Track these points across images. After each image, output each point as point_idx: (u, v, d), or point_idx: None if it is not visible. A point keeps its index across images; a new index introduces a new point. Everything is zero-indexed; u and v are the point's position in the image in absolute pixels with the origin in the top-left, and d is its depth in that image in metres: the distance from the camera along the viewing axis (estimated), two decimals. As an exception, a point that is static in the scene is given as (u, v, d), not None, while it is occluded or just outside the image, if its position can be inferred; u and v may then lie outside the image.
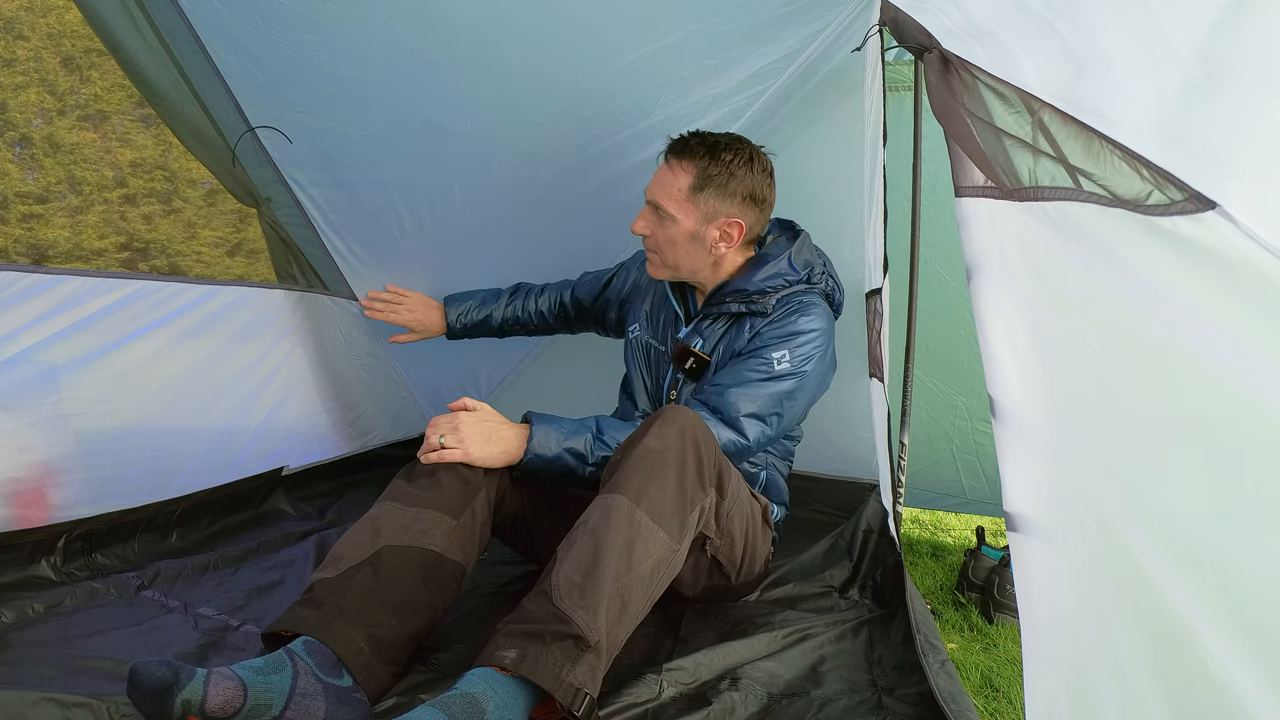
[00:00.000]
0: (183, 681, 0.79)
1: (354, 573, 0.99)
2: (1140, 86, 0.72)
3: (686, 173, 1.30)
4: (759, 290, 1.33)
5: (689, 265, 1.37)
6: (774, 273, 1.34)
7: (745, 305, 1.33)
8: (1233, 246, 0.62)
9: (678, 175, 1.31)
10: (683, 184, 1.30)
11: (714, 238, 1.33)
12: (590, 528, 0.97)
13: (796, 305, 1.32)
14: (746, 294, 1.33)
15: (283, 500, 1.76)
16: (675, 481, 1.03)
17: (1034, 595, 0.74)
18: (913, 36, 0.94)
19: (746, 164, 1.30)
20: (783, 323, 1.31)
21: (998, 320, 0.78)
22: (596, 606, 0.90)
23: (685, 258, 1.36)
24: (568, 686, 0.85)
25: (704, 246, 1.34)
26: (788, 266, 1.35)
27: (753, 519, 1.25)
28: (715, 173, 1.29)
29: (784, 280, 1.34)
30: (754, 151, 1.33)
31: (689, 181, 1.30)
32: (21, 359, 1.24)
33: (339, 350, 1.91)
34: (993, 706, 1.27)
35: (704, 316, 1.40)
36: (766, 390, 1.26)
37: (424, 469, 1.12)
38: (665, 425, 1.06)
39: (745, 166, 1.30)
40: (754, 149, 1.34)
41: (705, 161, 1.29)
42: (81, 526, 1.32)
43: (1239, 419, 0.62)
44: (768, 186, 1.34)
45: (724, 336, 1.37)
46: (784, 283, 1.34)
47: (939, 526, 2.45)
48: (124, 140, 1.38)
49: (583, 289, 1.72)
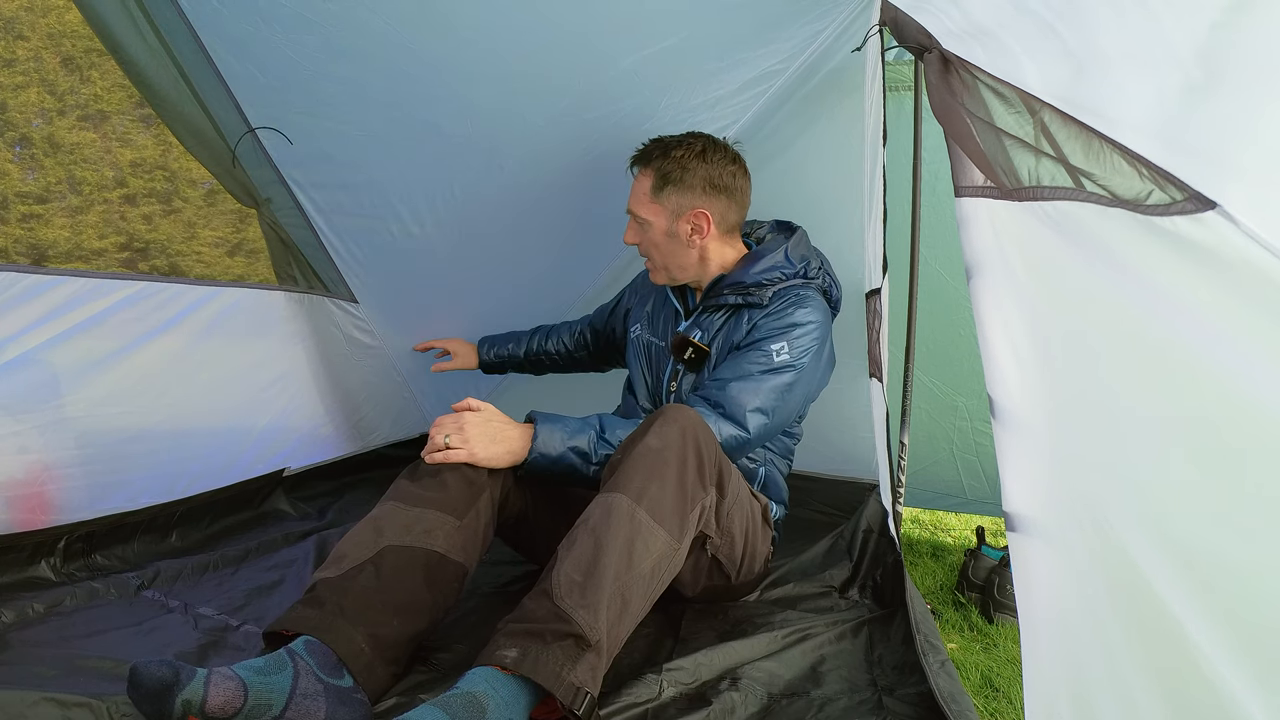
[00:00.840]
0: (183, 681, 0.79)
1: (356, 572, 0.99)
2: (1140, 87, 0.72)
3: (647, 176, 1.39)
4: (755, 283, 1.36)
5: (678, 263, 1.43)
6: (770, 265, 1.37)
7: (742, 297, 1.36)
8: (1233, 246, 0.62)
9: (641, 181, 1.40)
10: (646, 188, 1.39)
11: (686, 231, 1.38)
12: (591, 527, 0.97)
13: (794, 298, 1.34)
14: (743, 286, 1.36)
15: (283, 500, 1.76)
16: (676, 480, 1.03)
17: (1033, 595, 0.73)
18: (913, 36, 0.94)
19: (698, 156, 1.36)
20: (780, 315, 1.33)
21: (997, 320, 0.78)
22: (597, 606, 0.90)
23: (671, 257, 1.42)
24: (568, 686, 0.85)
25: (682, 242, 1.39)
26: (784, 259, 1.38)
27: (753, 518, 1.26)
28: (670, 170, 1.36)
29: (780, 273, 1.37)
30: (708, 143, 1.38)
31: (650, 184, 1.38)
32: (23, 361, 1.24)
33: (340, 351, 1.91)
34: (993, 706, 1.27)
35: (703, 310, 1.43)
36: (768, 383, 1.27)
37: (428, 469, 1.12)
38: (666, 424, 1.06)
39: (698, 158, 1.36)
40: (708, 140, 1.39)
41: (660, 162, 1.37)
42: (83, 528, 1.32)
43: (1238, 419, 0.62)
44: (729, 174, 1.38)
45: (722, 328, 1.39)
46: (780, 275, 1.37)
47: (939, 526, 2.45)
48: (124, 140, 1.38)
49: (597, 317, 1.79)
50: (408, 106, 1.48)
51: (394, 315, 1.97)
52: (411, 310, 1.96)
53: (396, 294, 1.91)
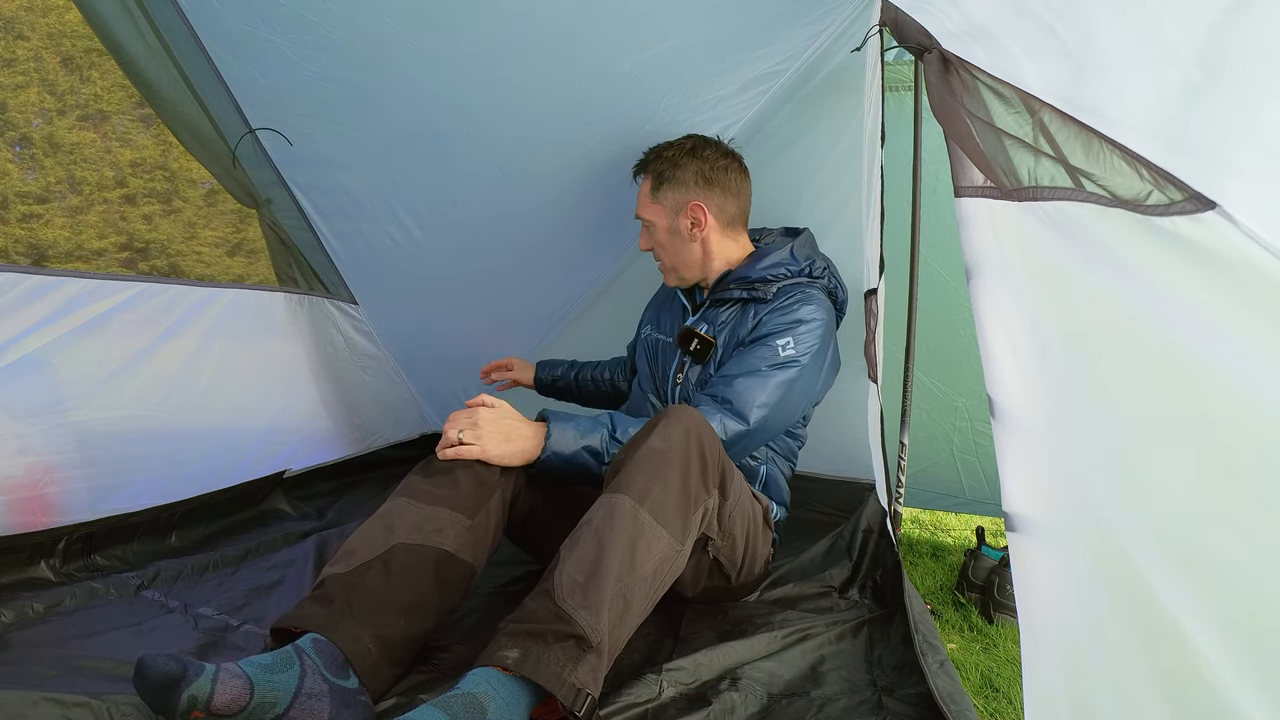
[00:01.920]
0: (190, 677, 0.79)
1: (365, 569, 0.99)
2: (1140, 87, 0.72)
3: (646, 180, 1.49)
4: (760, 278, 1.40)
5: (684, 260, 1.48)
6: (775, 262, 1.41)
7: (747, 292, 1.40)
8: (1233, 246, 0.62)
9: (643, 185, 1.50)
10: (646, 190, 1.48)
11: (687, 226, 1.45)
12: (594, 527, 0.97)
13: (799, 295, 1.37)
14: (749, 281, 1.40)
15: (282, 500, 1.76)
16: (679, 482, 1.03)
17: (1033, 595, 0.73)
18: (913, 37, 0.94)
19: (689, 153, 1.44)
20: (786, 310, 1.35)
21: (997, 320, 0.78)
22: (599, 607, 0.90)
23: (677, 255, 1.48)
24: (569, 687, 0.84)
25: (684, 237, 1.46)
26: (789, 257, 1.42)
27: (754, 520, 1.26)
28: (663, 169, 1.45)
29: (785, 270, 1.41)
30: (698, 141, 1.46)
31: (649, 186, 1.47)
32: (24, 363, 1.24)
33: (340, 353, 1.91)
34: (993, 706, 1.27)
35: (709, 305, 1.47)
36: (774, 379, 1.28)
37: (441, 466, 1.12)
38: (670, 425, 1.06)
39: (688, 155, 1.43)
40: (699, 139, 1.46)
41: (655, 164, 1.46)
42: (82, 529, 1.32)
43: (1238, 419, 0.62)
44: (721, 168, 1.44)
45: (728, 322, 1.41)
46: (785, 272, 1.41)
47: (939, 526, 2.45)
48: (124, 140, 1.38)
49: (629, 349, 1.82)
50: (408, 108, 1.48)
51: (394, 317, 1.97)
52: (411, 312, 1.96)
53: (396, 296, 1.91)
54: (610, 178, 1.65)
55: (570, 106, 1.50)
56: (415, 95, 1.45)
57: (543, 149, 1.59)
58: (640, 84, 1.46)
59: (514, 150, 1.59)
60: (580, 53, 1.39)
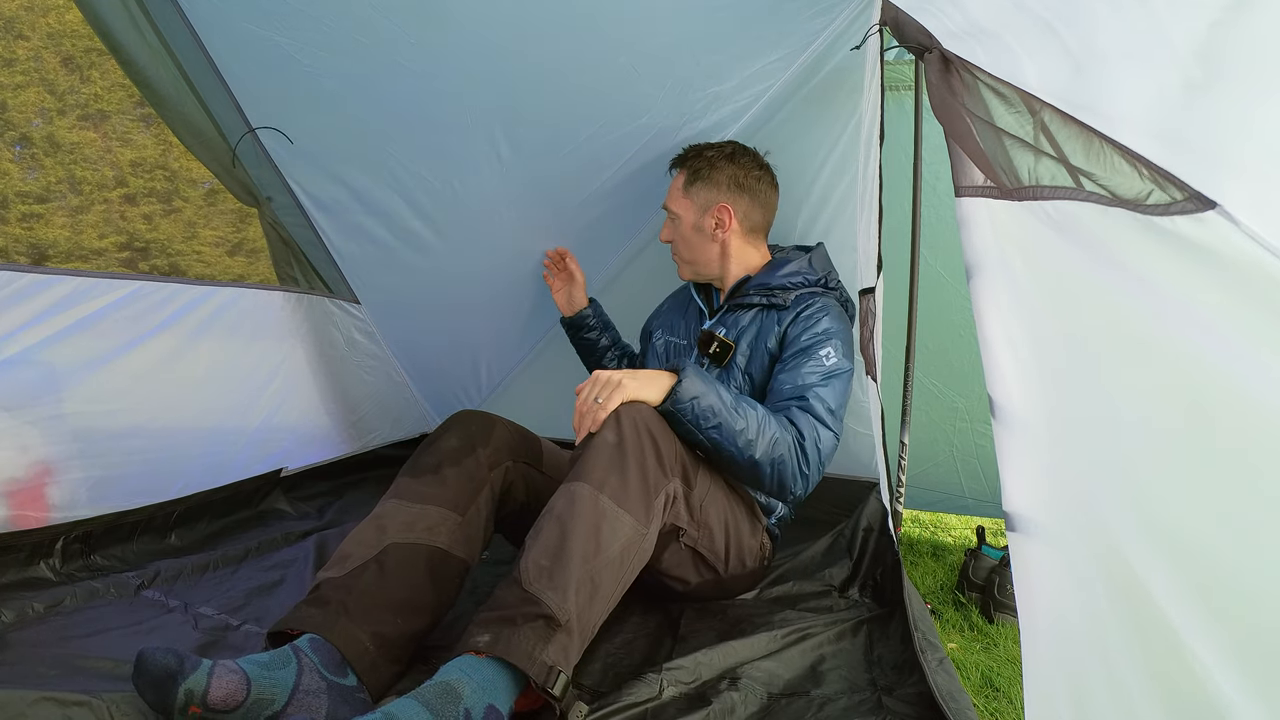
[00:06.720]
0: (187, 671, 0.79)
1: (360, 571, 1.00)
2: (1140, 86, 0.72)
3: (681, 174, 1.52)
4: (780, 285, 1.44)
5: (703, 257, 1.52)
6: (794, 270, 1.45)
7: (766, 298, 1.44)
8: (1233, 246, 0.62)
9: (676, 179, 1.54)
10: (679, 184, 1.52)
11: (711, 225, 1.49)
12: (556, 515, 0.98)
13: (819, 306, 1.39)
14: (768, 288, 1.44)
15: (282, 500, 1.76)
16: (636, 469, 1.04)
17: (1033, 595, 0.73)
18: (913, 36, 0.94)
19: (727, 157, 1.49)
20: (812, 320, 1.36)
21: (997, 320, 0.78)
22: (565, 587, 0.91)
23: (697, 250, 1.52)
24: (540, 664, 0.86)
25: (706, 235, 1.50)
26: (807, 266, 1.47)
27: (732, 510, 1.26)
28: (700, 167, 1.49)
29: (804, 278, 1.45)
30: (738, 148, 1.51)
31: (683, 180, 1.51)
32: (21, 359, 1.24)
33: (340, 352, 1.91)
34: (993, 706, 1.27)
35: (728, 310, 1.49)
36: (832, 385, 1.30)
37: (429, 465, 1.14)
38: (620, 420, 1.07)
39: (726, 159, 1.48)
40: (739, 146, 1.52)
41: (694, 161, 1.50)
42: (80, 528, 1.32)
43: (1238, 419, 0.62)
44: (754, 177, 1.49)
45: (747, 329, 1.43)
46: (804, 281, 1.45)
47: (939, 526, 2.45)
48: (124, 140, 1.38)
49: None
50: (409, 104, 1.48)
51: (395, 315, 1.97)
52: (413, 310, 1.96)
53: (398, 293, 1.90)
54: (608, 169, 1.65)
55: (570, 101, 1.50)
56: (416, 89, 1.45)
57: (543, 143, 1.59)
58: (638, 78, 1.46)
59: (514, 144, 1.58)
60: (579, 47, 1.39)
